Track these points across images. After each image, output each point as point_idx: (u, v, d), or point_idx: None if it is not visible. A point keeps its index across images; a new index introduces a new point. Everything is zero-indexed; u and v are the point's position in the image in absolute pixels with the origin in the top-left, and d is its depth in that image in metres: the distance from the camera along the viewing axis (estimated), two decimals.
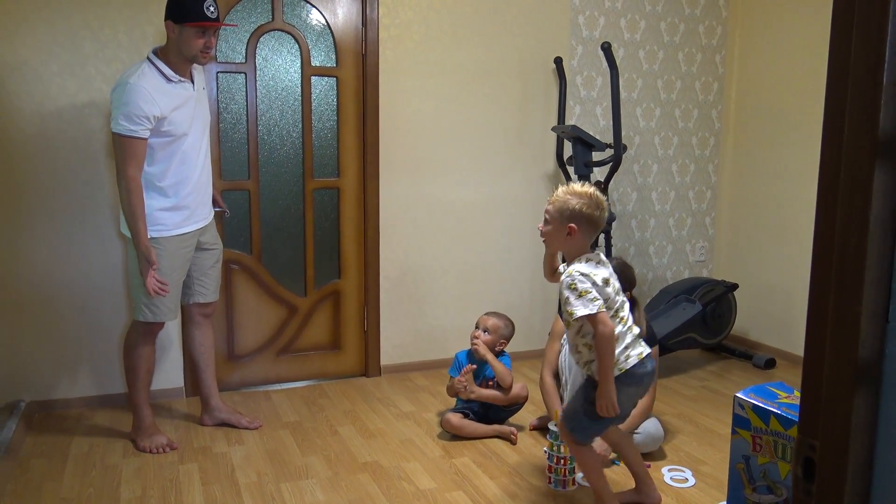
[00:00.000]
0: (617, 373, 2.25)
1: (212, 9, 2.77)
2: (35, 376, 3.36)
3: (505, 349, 3.30)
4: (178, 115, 2.79)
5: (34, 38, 3.18)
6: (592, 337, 2.24)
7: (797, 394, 1.98)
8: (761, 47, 4.42)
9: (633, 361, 2.28)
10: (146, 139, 2.72)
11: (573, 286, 2.21)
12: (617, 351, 2.25)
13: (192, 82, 2.89)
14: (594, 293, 2.20)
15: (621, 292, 2.33)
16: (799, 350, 4.25)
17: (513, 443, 3.10)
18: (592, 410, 2.28)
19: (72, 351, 3.40)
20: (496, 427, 3.18)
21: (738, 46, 4.57)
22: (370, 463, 2.92)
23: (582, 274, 2.22)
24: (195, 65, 2.90)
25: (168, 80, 2.77)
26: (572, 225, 2.25)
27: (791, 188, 4.25)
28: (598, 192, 2.29)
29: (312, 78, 3.70)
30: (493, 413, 3.21)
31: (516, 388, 3.20)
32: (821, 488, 0.77)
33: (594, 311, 2.18)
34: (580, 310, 2.18)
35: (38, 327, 3.34)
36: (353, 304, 3.93)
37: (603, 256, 2.35)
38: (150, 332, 2.96)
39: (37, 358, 3.35)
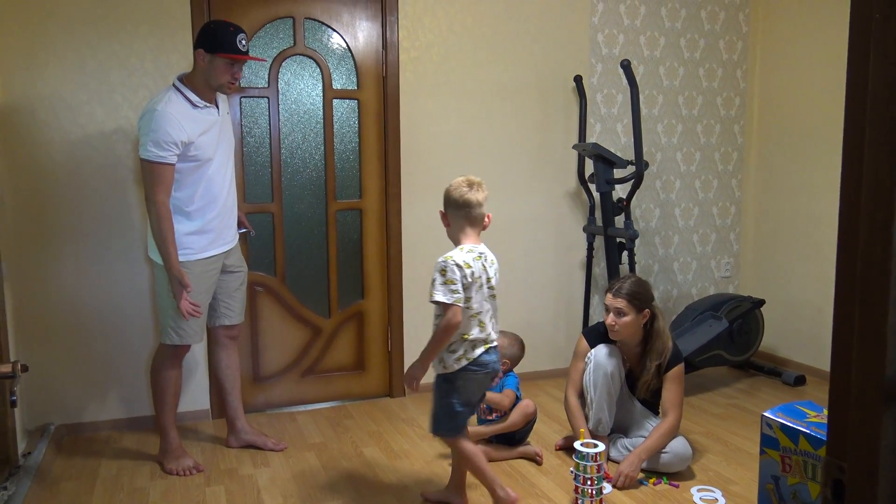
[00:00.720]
0: (465, 363, 2.43)
1: (243, 42, 2.86)
2: (64, 399, 3.41)
3: (512, 369, 3.26)
4: (204, 140, 2.83)
5: (63, 69, 3.26)
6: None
7: (826, 412, 1.95)
8: (783, 61, 4.39)
9: (479, 352, 2.45)
10: (174, 164, 2.77)
11: (444, 271, 2.39)
12: (463, 348, 2.43)
13: (217, 108, 2.95)
14: (458, 287, 2.36)
15: (492, 300, 2.50)
16: (829, 367, 4.17)
17: (538, 463, 3.08)
18: (446, 404, 2.48)
19: (100, 374, 3.45)
20: (521, 449, 3.15)
21: (759, 61, 4.55)
22: (396, 484, 2.91)
23: (457, 265, 2.39)
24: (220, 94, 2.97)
25: (194, 105, 2.83)
26: (442, 210, 2.53)
27: (817, 201, 4.20)
28: (466, 177, 2.48)
29: (334, 101, 3.74)
30: (512, 434, 3.18)
31: (521, 408, 3.14)
32: None
33: (449, 302, 2.35)
34: (438, 295, 2.37)
35: (67, 351, 3.38)
36: (376, 324, 3.94)
37: (486, 251, 2.51)
38: (176, 354, 2.99)
39: (66, 381, 3.40)
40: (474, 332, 2.44)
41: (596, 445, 2.68)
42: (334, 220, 3.80)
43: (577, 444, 2.70)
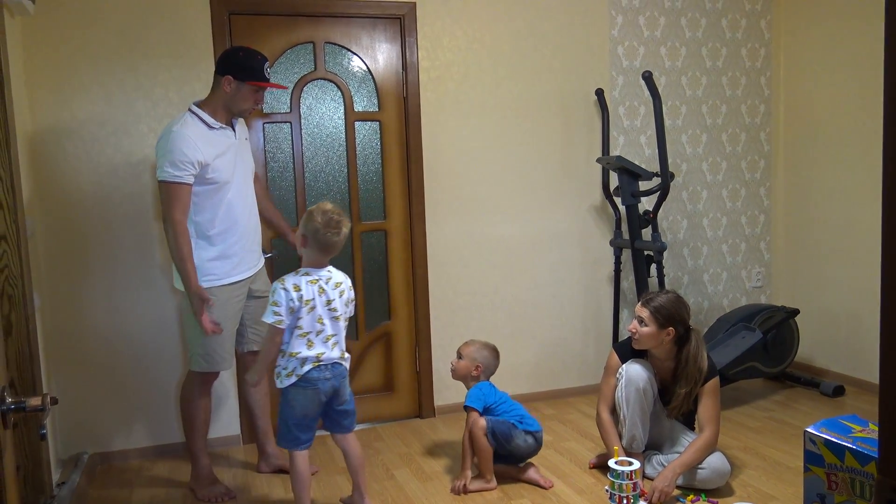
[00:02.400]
0: (294, 379, 2.56)
1: (268, 69, 2.94)
2: (97, 428, 3.43)
3: (483, 377, 3.19)
4: (220, 162, 2.85)
5: (90, 101, 3.32)
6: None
7: (872, 427, 1.88)
8: (807, 66, 4.33)
9: (307, 369, 2.56)
10: (191, 185, 2.78)
11: (273, 293, 2.54)
12: (292, 365, 2.56)
13: (234, 130, 2.97)
14: (280, 309, 2.51)
15: (334, 322, 2.62)
16: (868, 376, 4.07)
17: (545, 488, 3.01)
18: (282, 417, 2.60)
19: (131, 403, 3.47)
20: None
21: (783, 67, 4.49)
22: None
23: (284, 288, 2.52)
24: (237, 117, 3.00)
25: (210, 127, 2.85)
26: (303, 234, 2.60)
27: (847, 207, 4.12)
28: (331, 214, 2.58)
29: (356, 123, 3.76)
30: (505, 455, 3.08)
31: (468, 427, 3.03)
32: None
33: (269, 322, 2.52)
34: (267, 316, 2.53)
35: (98, 380, 3.41)
36: (404, 345, 3.92)
37: (332, 274, 2.64)
38: (206, 381, 3.00)
39: (98, 410, 3.42)
40: (303, 351, 2.56)
41: (631, 463, 2.63)
42: (359, 241, 3.80)
43: (611, 462, 2.64)
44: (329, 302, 2.60)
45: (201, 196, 2.84)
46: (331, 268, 2.66)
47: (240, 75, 2.85)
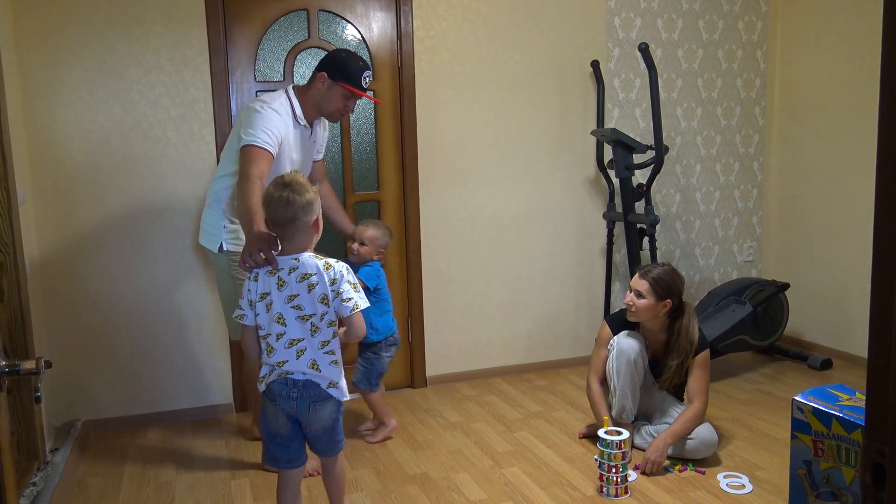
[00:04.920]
0: (263, 387, 2.18)
1: (367, 79, 2.89)
2: (90, 396, 3.44)
3: (379, 259, 3.15)
4: (284, 147, 2.82)
5: (82, 69, 3.28)
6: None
7: (859, 395, 1.91)
8: (804, 41, 4.31)
9: (272, 379, 2.15)
10: (273, 157, 2.72)
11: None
12: (264, 371, 2.18)
13: (312, 130, 2.97)
14: (242, 302, 2.16)
15: (300, 322, 2.12)
16: (856, 350, 4.11)
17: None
18: (262, 424, 2.25)
19: (125, 370, 3.48)
20: (382, 432, 3.24)
21: (779, 41, 4.47)
22: (419, 475, 2.91)
23: (249, 278, 2.17)
24: (324, 118, 2.99)
25: (296, 120, 2.87)
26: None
27: (840, 183, 4.13)
28: (276, 178, 2.16)
29: None
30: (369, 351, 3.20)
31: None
32: (892, 495, 0.73)
33: (234, 316, 2.19)
34: (236, 311, 2.19)
35: (92, 347, 3.42)
36: (397, 316, 3.92)
37: (290, 264, 2.12)
38: None
39: (92, 378, 3.43)
40: (264, 356, 2.16)
41: (620, 433, 2.66)
42: (353, 211, 3.80)
43: (601, 432, 2.68)
44: (291, 298, 2.10)
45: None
46: (303, 255, 2.13)
47: (334, 75, 2.82)
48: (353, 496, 2.74)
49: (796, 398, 1.97)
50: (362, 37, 3.70)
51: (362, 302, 2.14)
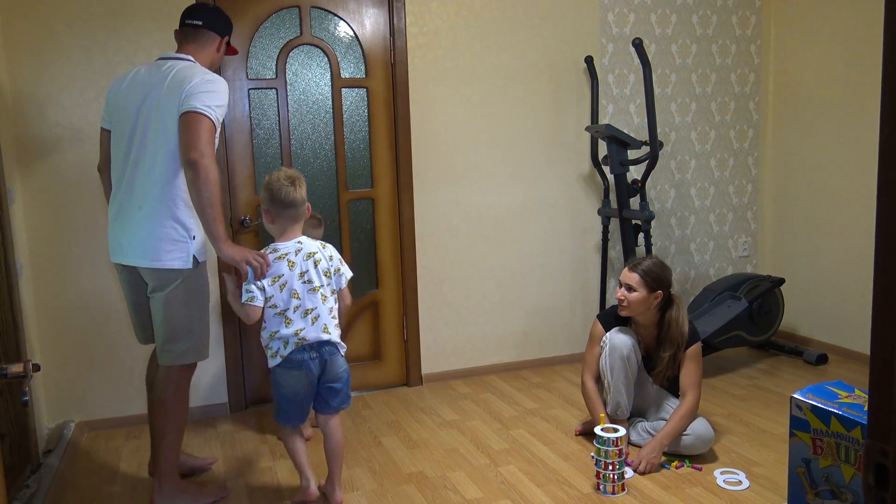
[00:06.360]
0: (279, 360, 2.47)
1: None
2: (84, 397, 3.42)
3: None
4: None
5: (71, 66, 3.25)
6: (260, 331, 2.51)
7: (858, 392, 1.90)
8: (798, 35, 4.31)
9: (290, 350, 2.46)
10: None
11: (248, 272, 2.42)
12: (276, 345, 2.47)
13: None
14: (251, 286, 2.41)
15: (311, 294, 2.47)
16: (851, 344, 4.12)
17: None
18: (274, 395, 2.53)
19: (118, 371, 3.45)
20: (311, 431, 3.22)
21: (773, 35, 4.47)
22: (415, 473, 2.89)
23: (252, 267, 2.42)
24: None
25: None
26: (265, 208, 2.49)
27: (835, 177, 4.13)
28: (285, 172, 2.48)
29: (343, 90, 3.70)
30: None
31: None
32: None
33: (242, 301, 2.42)
34: (243, 295, 2.42)
35: (85, 348, 3.39)
36: (392, 313, 3.92)
37: (305, 245, 2.48)
38: (191, 374, 2.65)
39: (85, 379, 3.41)
40: (281, 329, 2.44)
41: (616, 430, 2.65)
42: (346, 209, 3.78)
43: (597, 430, 2.67)
44: (302, 274, 2.46)
45: None
46: (302, 238, 2.50)
47: (226, 33, 2.68)
48: (350, 496, 2.72)
49: (795, 396, 1.96)
50: (355, 33, 3.68)
51: (349, 272, 2.61)
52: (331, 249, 2.55)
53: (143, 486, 2.86)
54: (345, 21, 3.66)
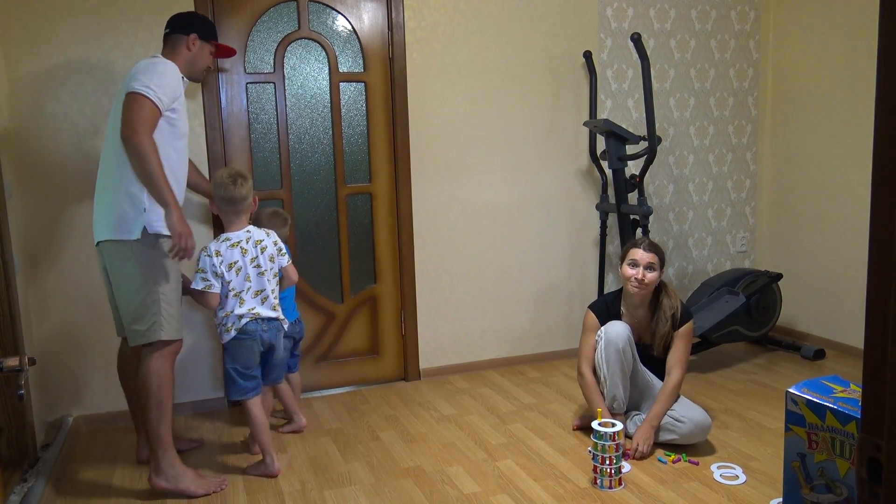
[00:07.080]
0: (235, 333, 2.75)
1: None
2: (81, 391, 3.42)
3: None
4: (182, 114, 2.71)
5: (68, 60, 3.24)
6: (216, 311, 2.79)
7: (854, 387, 1.91)
8: (797, 30, 4.30)
9: (244, 322, 2.75)
10: (161, 116, 2.56)
11: (198, 261, 2.72)
12: (230, 322, 2.75)
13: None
14: (207, 275, 2.69)
15: (260, 277, 2.78)
16: (848, 339, 4.12)
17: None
18: (227, 371, 2.79)
19: (115, 365, 3.44)
20: (290, 426, 3.32)
21: (772, 31, 4.46)
22: (413, 468, 2.90)
23: (207, 255, 2.71)
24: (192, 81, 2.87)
25: (182, 80, 2.72)
26: (214, 202, 2.82)
27: (833, 173, 4.13)
28: (230, 171, 2.74)
29: (341, 84, 3.70)
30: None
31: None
32: (889, 490, 0.73)
33: (200, 287, 2.70)
34: (196, 283, 2.70)
35: (82, 342, 3.39)
36: (390, 308, 3.92)
37: (253, 234, 2.79)
38: (174, 351, 2.69)
39: (82, 373, 3.41)
40: (236, 308, 2.74)
41: (614, 425, 2.65)
42: (345, 204, 3.77)
43: (595, 424, 2.67)
44: (253, 259, 2.77)
45: (160, 136, 2.58)
46: (250, 228, 2.81)
47: (205, 35, 2.80)
48: (347, 490, 2.73)
49: (790, 390, 1.96)
50: (353, 27, 3.67)
51: (289, 255, 2.96)
52: (274, 236, 2.88)
53: (141, 479, 2.87)
54: (343, 15, 3.65)
